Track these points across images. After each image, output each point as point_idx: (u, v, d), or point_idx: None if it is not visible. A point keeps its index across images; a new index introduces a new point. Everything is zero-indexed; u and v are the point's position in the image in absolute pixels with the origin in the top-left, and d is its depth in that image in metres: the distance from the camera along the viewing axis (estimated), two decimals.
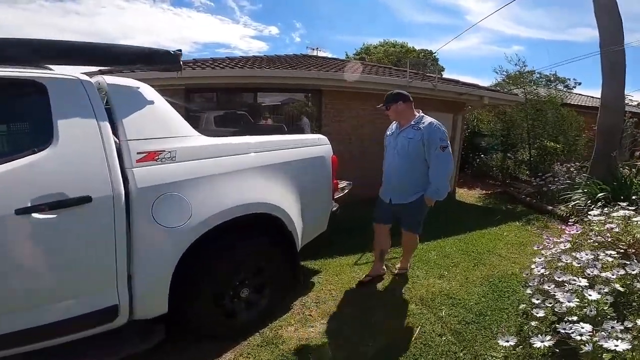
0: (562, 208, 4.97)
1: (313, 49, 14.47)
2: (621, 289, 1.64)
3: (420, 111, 2.65)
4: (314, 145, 2.58)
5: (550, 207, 5.20)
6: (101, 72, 3.25)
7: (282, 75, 4.86)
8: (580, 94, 13.79)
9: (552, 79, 7.97)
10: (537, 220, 4.88)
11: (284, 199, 2.19)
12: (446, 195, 2.54)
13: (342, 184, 3.45)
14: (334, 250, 3.67)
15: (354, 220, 4.80)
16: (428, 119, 2.53)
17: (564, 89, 7.68)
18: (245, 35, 58.38)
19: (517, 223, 4.86)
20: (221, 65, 5.33)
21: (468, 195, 7.31)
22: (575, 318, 1.46)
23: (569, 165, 6.14)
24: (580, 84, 7.82)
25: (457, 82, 6.88)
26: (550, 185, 5.60)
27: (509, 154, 8.62)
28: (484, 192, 7.61)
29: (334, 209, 2.92)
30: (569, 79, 7.34)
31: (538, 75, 8.19)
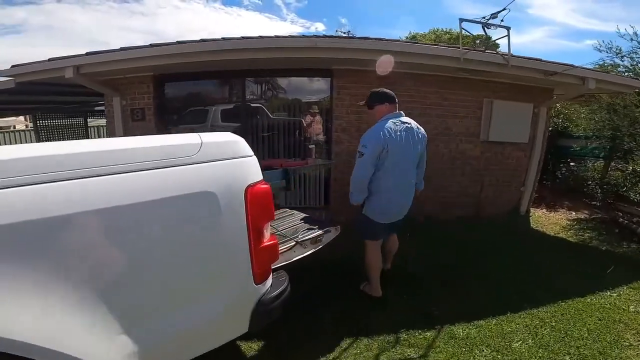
0: None
1: (344, 32, 12.59)
2: None
3: (397, 114, 2.46)
4: (186, 162, 1.07)
5: None
6: None
7: (266, 47, 3.36)
8: None
9: None
10: None
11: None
12: (355, 202, 2.36)
13: (312, 232, 1.87)
14: (304, 324, 2.15)
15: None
16: (375, 126, 2.37)
17: None
18: (292, 32, 58.52)
19: None
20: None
21: (549, 220, 5.13)
22: None
23: None
24: None
25: (538, 60, 4.73)
26: None
27: (613, 163, 6.11)
28: (573, 216, 5.33)
29: (272, 295, 1.37)
30: None
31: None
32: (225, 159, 1.14)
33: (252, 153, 1.26)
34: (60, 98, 6.09)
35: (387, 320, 2.31)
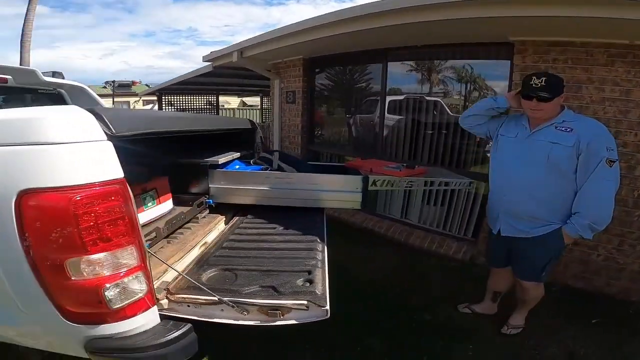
0: None
1: None
2: None
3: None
4: None
5: None
6: None
7: (407, 6, 2.42)
8: None
9: None
10: None
11: None
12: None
13: (270, 298, 1.09)
14: None
15: None
16: (584, 117, 1.80)
17: None
18: None
19: None
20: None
21: None
22: None
23: None
24: None
25: None
26: None
27: None
28: None
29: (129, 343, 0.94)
30: None
31: None
32: None
33: (76, 138, 0.78)
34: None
35: None
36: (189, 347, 1.00)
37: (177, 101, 10.26)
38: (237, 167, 2.03)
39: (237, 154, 2.14)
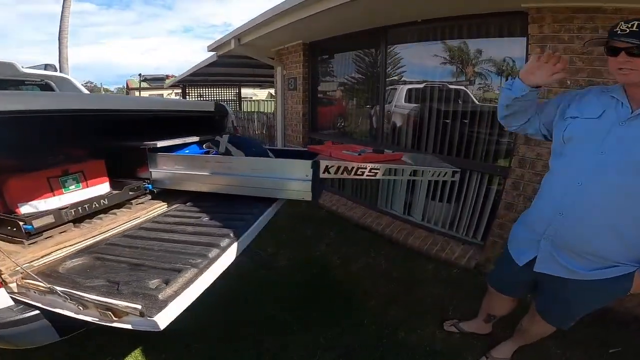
0: None
1: None
2: None
3: None
4: None
5: None
6: None
7: None
8: None
9: None
10: None
11: None
12: None
13: (107, 296, 0.87)
14: None
15: None
16: None
17: None
18: None
19: None
20: None
21: None
22: None
23: None
24: None
25: None
26: None
27: None
28: None
29: None
30: None
31: None
32: None
33: None
34: None
35: None
36: (35, 333, 0.93)
37: (204, 93, 10.56)
38: (187, 151, 1.87)
39: (194, 138, 1.98)
